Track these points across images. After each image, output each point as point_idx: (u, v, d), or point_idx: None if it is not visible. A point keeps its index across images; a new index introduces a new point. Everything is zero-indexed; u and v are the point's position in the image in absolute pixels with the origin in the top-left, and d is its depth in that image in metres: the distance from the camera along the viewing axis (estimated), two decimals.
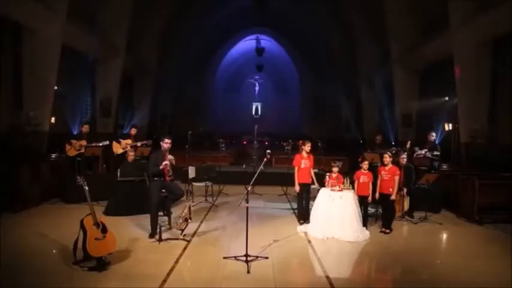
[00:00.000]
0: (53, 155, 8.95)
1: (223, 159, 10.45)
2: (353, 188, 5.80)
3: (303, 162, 6.10)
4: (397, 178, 5.82)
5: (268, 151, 5.02)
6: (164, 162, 5.19)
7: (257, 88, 21.34)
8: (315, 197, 5.80)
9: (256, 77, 21.08)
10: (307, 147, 6.16)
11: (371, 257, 4.90)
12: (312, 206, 5.84)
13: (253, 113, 22.47)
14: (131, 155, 6.69)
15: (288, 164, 9.99)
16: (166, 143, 5.36)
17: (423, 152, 7.40)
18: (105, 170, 8.34)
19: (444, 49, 10.49)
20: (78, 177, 4.25)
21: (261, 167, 4.61)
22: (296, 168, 6.08)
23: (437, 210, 7.09)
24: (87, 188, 4.22)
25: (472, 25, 9.29)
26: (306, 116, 21.89)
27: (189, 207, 5.19)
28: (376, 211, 6.49)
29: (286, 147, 13.25)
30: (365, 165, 5.95)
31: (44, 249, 4.68)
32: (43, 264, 4.18)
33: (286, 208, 7.41)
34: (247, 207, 4.44)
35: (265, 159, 4.67)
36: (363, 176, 5.89)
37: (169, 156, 5.32)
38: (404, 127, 13.31)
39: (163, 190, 5.32)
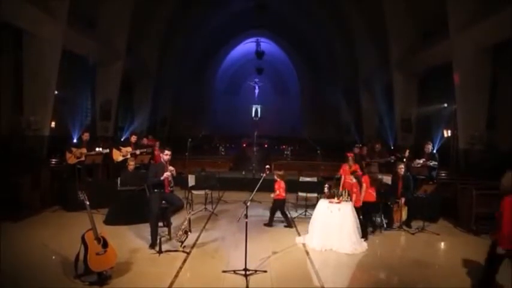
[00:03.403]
0: (53, 161, 9.00)
1: (222, 165, 10.50)
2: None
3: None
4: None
5: (267, 166, 5.07)
6: (166, 174, 5.24)
7: (257, 90, 21.42)
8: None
9: (256, 80, 21.16)
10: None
11: (368, 269, 4.94)
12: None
13: (253, 115, 22.55)
14: (131, 165, 6.73)
15: (287, 170, 10.06)
16: (166, 155, 5.42)
17: (421, 161, 7.45)
18: (105, 177, 8.38)
19: (444, 54, 10.52)
20: (80, 193, 4.28)
21: (260, 182, 4.65)
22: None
23: (435, 219, 7.14)
24: (88, 202, 4.27)
25: (471, 31, 9.32)
26: (306, 118, 21.96)
27: (189, 220, 5.24)
28: (374, 221, 6.54)
29: (285, 152, 13.27)
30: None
31: (45, 261, 4.72)
32: (44, 277, 4.21)
33: None
34: (246, 222, 4.49)
35: (264, 175, 4.72)
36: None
37: (170, 168, 5.38)
38: (403, 132, 13.37)
39: (164, 201, 5.38)
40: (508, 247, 3.53)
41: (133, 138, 8.04)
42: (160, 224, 5.54)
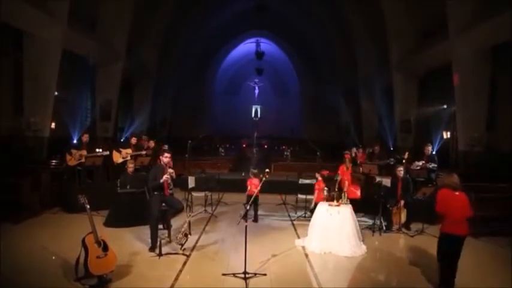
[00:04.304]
0: (53, 162, 9.00)
1: (222, 166, 10.51)
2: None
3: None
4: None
5: (267, 170, 5.10)
6: (165, 176, 5.26)
7: (257, 91, 21.42)
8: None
9: (256, 80, 21.15)
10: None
11: (367, 272, 4.95)
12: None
13: (253, 115, 22.54)
14: (131, 167, 6.74)
15: (287, 171, 10.08)
16: (166, 157, 5.44)
17: (421, 163, 7.46)
18: (105, 179, 8.38)
19: (444, 55, 10.54)
20: (80, 196, 4.30)
21: (259, 186, 4.67)
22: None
23: (434, 221, 7.12)
24: (88, 206, 4.29)
25: (471, 33, 9.33)
26: (306, 119, 21.95)
27: (189, 222, 5.26)
28: (374, 223, 6.57)
29: (285, 152, 13.25)
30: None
31: (45, 263, 4.72)
32: (44, 280, 4.22)
33: (285, 219, 7.45)
34: (246, 226, 4.50)
35: (263, 179, 4.74)
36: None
37: (170, 170, 5.39)
38: (403, 133, 13.39)
39: (163, 204, 5.39)
40: (447, 230, 4.23)
41: (134, 140, 8.06)
42: (160, 226, 5.55)
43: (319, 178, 6.73)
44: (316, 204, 6.58)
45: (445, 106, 11.59)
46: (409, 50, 12.77)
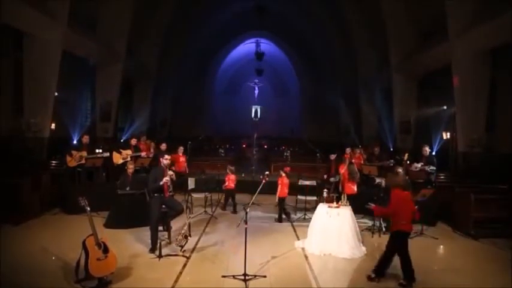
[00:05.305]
0: (53, 162, 9.01)
1: (222, 167, 10.48)
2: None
3: None
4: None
5: (266, 172, 5.12)
6: (165, 179, 5.28)
7: (256, 91, 21.40)
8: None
9: (256, 80, 21.15)
10: None
11: (366, 274, 4.96)
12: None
13: (253, 115, 22.53)
14: (131, 168, 6.74)
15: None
16: (166, 159, 5.46)
17: (419, 165, 7.47)
18: (105, 179, 8.39)
19: (443, 56, 10.53)
20: (81, 198, 4.31)
21: (259, 188, 4.69)
22: None
23: (433, 223, 7.16)
24: (88, 208, 4.30)
25: (470, 34, 9.33)
26: (306, 119, 21.95)
27: (189, 224, 5.27)
28: (373, 225, 6.58)
29: (285, 153, 13.25)
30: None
31: (45, 265, 4.74)
32: (44, 281, 4.24)
33: (284, 220, 7.44)
34: (245, 228, 4.52)
35: (263, 181, 4.76)
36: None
37: (170, 172, 5.41)
38: (402, 134, 13.39)
39: (163, 206, 5.41)
40: (400, 228, 4.53)
41: (134, 141, 8.08)
42: (160, 228, 5.56)
43: (283, 174, 7.17)
44: (279, 199, 7.12)
45: (444, 107, 11.58)
46: (409, 50, 12.77)
